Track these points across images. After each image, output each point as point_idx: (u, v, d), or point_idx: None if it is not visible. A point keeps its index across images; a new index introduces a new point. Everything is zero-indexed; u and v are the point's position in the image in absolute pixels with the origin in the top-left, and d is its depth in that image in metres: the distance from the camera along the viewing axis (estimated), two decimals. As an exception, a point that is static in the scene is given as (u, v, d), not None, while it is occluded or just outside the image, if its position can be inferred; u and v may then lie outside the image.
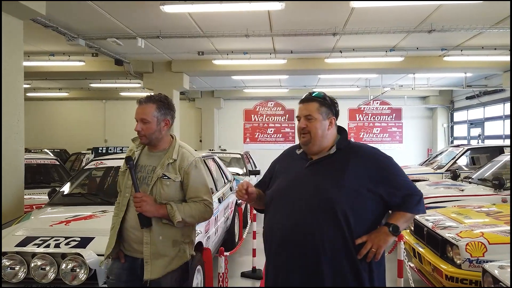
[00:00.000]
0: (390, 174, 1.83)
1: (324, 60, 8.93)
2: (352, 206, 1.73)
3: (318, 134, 1.86)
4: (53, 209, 3.70)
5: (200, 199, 2.25)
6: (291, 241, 1.76)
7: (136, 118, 2.23)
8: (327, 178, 1.80)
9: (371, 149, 1.93)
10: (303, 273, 1.73)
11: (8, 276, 2.62)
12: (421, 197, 1.87)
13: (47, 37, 7.09)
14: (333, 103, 1.92)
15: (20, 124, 4.33)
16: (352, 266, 1.71)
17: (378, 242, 1.73)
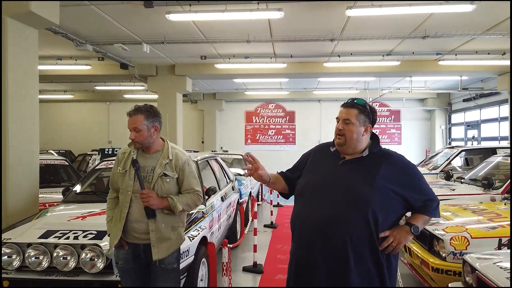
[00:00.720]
0: (415, 180, 2.04)
1: (323, 64, 9.21)
2: (381, 205, 1.94)
3: (353, 138, 2.02)
4: (68, 206, 3.99)
5: (193, 191, 2.64)
6: (323, 229, 1.96)
7: (129, 128, 2.53)
8: (360, 177, 1.99)
9: (399, 156, 2.11)
10: (332, 257, 1.94)
11: (33, 265, 2.91)
12: (439, 202, 2.10)
13: (56, 42, 7.38)
14: (372, 112, 2.09)
15: (35, 126, 4.62)
16: (374, 255, 1.94)
17: (399, 238, 1.96)
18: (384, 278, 1.97)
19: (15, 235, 3.14)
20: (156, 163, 2.57)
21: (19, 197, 4.29)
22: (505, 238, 3.41)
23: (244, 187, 7.04)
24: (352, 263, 1.92)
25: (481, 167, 6.42)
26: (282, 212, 8.82)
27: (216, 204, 4.59)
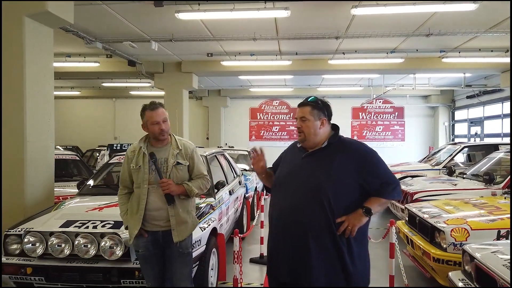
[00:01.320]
0: (371, 165, 2.16)
1: (328, 61, 9.33)
2: (335, 191, 2.09)
3: (310, 133, 2.21)
4: (83, 198, 4.16)
5: (203, 175, 2.91)
6: (286, 218, 2.16)
7: (159, 120, 2.73)
8: (318, 167, 2.16)
9: (358, 143, 2.27)
10: (294, 245, 2.12)
11: (55, 252, 3.08)
12: (397, 185, 2.20)
13: (66, 40, 7.54)
14: (325, 106, 2.25)
15: (51, 122, 4.79)
16: (334, 241, 2.07)
17: (353, 221, 2.07)
18: (346, 263, 2.07)
19: (37, 224, 3.32)
20: (168, 154, 2.78)
21: (36, 189, 4.47)
22: (503, 229, 3.55)
23: (250, 182, 7.20)
24: (312, 249, 2.07)
25: (483, 163, 6.55)
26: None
27: (225, 198, 4.75)
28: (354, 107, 16.13)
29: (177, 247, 2.73)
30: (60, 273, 3.09)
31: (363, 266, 2.17)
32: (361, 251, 2.16)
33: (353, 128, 16.28)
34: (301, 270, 2.11)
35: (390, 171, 2.23)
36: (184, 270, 2.80)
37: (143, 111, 2.80)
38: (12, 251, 3.20)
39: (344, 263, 2.09)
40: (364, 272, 2.19)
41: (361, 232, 2.14)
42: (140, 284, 3.03)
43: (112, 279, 3.05)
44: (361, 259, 2.16)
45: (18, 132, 4.32)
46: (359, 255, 2.14)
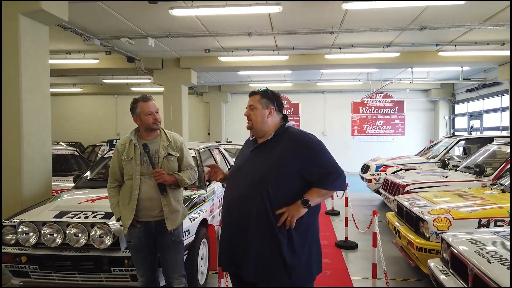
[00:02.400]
0: (312, 155, 2.16)
1: (324, 56, 9.39)
2: (277, 182, 2.13)
3: (258, 121, 2.26)
4: (79, 191, 4.30)
5: (192, 166, 3.05)
6: (232, 209, 2.26)
7: (152, 110, 2.86)
8: (263, 159, 2.22)
9: (303, 134, 2.26)
10: (236, 235, 2.21)
11: (48, 241, 3.21)
12: (339, 175, 2.19)
13: (64, 37, 7.66)
14: (274, 96, 2.30)
15: (47, 117, 4.93)
16: (271, 230, 2.11)
17: (292, 212, 2.11)
18: (283, 255, 2.10)
19: (31, 215, 3.45)
20: (159, 146, 2.90)
21: (33, 183, 4.61)
22: (484, 219, 3.64)
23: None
24: (251, 239, 2.14)
25: (477, 155, 6.60)
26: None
27: (217, 190, 4.87)
28: (354, 101, 16.16)
29: (170, 235, 2.85)
30: (53, 261, 3.22)
31: (306, 258, 2.17)
32: (304, 243, 2.17)
33: (353, 122, 16.32)
34: (240, 258, 2.18)
35: (334, 162, 2.22)
36: (177, 257, 2.93)
37: (135, 104, 2.90)
38: (8, 241, 3.33)
39: (281, 254, 2.10)
40: (309, 264, 2.18)
41: (303, 223, 2.15)
42: (129, 272, 3.15)
43: (103, 267, 3.18)
44: (304, 250, 2.16)
45: (15, 127, 4.46)
46: (302, 246, 2.15)
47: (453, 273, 2.82)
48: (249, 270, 2.16)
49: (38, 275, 3.29)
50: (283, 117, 2.33)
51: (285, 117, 2.33)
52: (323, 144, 2.25)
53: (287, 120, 2.33)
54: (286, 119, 2.33)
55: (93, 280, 3.25)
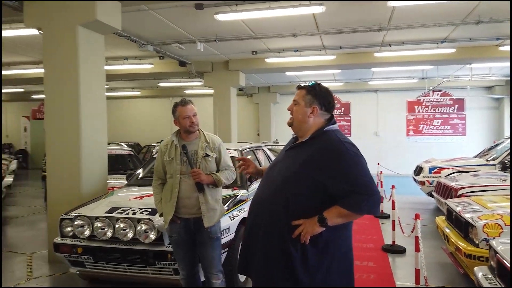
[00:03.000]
0: (341, 168, 1.88)
1: (374, 54, 9.13)
2: (296, 191, 1.92)
3: (298, 118, 2.07)
4: (130, 188, 4.61)
5: (229, 167, 3.18)
6: (253, 208, 2.12)
7: (189, 114, 3.03)
8: (290, 162, 2.02)
9: (335, 142, 1.96)
10: (253, 235, 2.05)
11: (100, 234, 3.50)
12: (370, 196, 1.87)
13: (122, 44, 8.19)
14: (322, 94, 2.05)
15: (103, 120, 5.28)
16: (282, 241, 1.91)
17: (307, 227, 1.87)
18: (295, 272, 1.87)
19: (87, 210, 3.77)
20: (198, 147, 3.06)
21: (91, 180, 5.00)
22: (541, 226, 3.37)
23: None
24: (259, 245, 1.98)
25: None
26: (332, 202, 8.95)
27: (259, 190, 4.94)
28: (409, 100, 15.48)
29: (207, 232, 2.99)
30: (105, 253, 3.50)
31: (324, 276, 1.90)
32: (322, 261, 1.91)
33: (408, 122, 15.64)
34: (250, 264, 2.05)
35: (367, 180, 1.90)
36: (214, 253, 3.06)
37: (175, 108, 3.10)
38: (66, 233, 3.67)
39: (294, 270, 1.89)
40: (328, 283, 1.91)
41: (322, 240, 1.91)
42: (172, 265, 3.33)
43: (148, 260, 3.39)
44: (321, 269, 1.90)
45: (74, 129, 4.86)
46: (318, 264, 1.90)
47: (499, 282, 2.66)
48: (259, 279, 2.00)
49: (92, 265, 3.58)
50: (329, 118, 2.09)
51: (331, 119, 2.09)
52: (360, 157, 1.95)
53: (332, 122, 2.07)
54: (331, 121, 2.07)
55: (140, 272, 3.48)
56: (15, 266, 4.83)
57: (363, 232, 6.24)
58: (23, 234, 6.42)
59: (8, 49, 8.67)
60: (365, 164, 1.96)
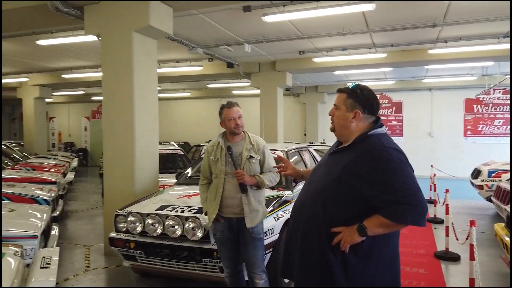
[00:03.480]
0: (382, 176, 1.79)
1: (428, 51, 8.72)
2: (336, 198, 1.87)
3: (339, 124, 1.98)
4: (180, 187, 4.78)
5: (273, 169, 3.19)
6: (296, 212, 2.07)
7: (234, 116, 3.11)
8: (332, 167, 1.95)
9: (377, 147, 1.86)
10: (293, 239, 2.02)
11: (150, 231, 3.66)
12: (414, 207, 1.76)
13: (173, 47, 8.50)
14: (364, 96, 1.94)
15: (155, 121, 5.55)
16: (320, 246, 1.87)
17: (346, 236, 1.81)
18: (335, 278, 1.82)
19: (139, 207, 3.97)
20: (242, 149, 3.13)
21: (143, 178, 5.24)
22: None
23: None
24: (298, 249, 1.95)
25: None
26: (382, 205, 8.68)
27: (305, 191, 4.92)
28: (467, 99, 14.59)
29: (249, 232, 3.05)
30: (155, 249, 3.66)
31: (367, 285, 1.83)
32: (364, 269, 1.84)
33: (466, 122, 14.74)
34: (291, 268, 2.02)
35: (411, 189, 1.77)
36: (257, 253, 3.11)
37: (221, 110, 3.20)
38: (120, 229, 3.88)
39: (333, 278, 1.83)
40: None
41: (364, 248, 1.83)
42: (218, 263, 3.41)
43: (196, 257, 3.50)
44: (364, 277, 1.83)
45: (129, 129, 5.12)
46: (360, 272, 1.83)
47: None
48: (299, 282, 1.98)
49: (144, 260, 3.76)
50: (374, 120, 1.98)
51: (376, 121, 1.98)
52: (405, 164, 1.83)
53: (378, 125, 1.95)
54: (376, 124, 1.96)
55: (187, 269, 3.60)
56: (75, 257, 5.19)
57: (414, 236, 6.00)
58: (82, 227, 6.88)
59: (71, 54, 9.33)
60: (410, 171, 1.84)
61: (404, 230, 2.01)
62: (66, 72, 11.55)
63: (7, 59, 9.93)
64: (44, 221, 3.95)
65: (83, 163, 18.68)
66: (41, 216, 4.07)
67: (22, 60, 10.13)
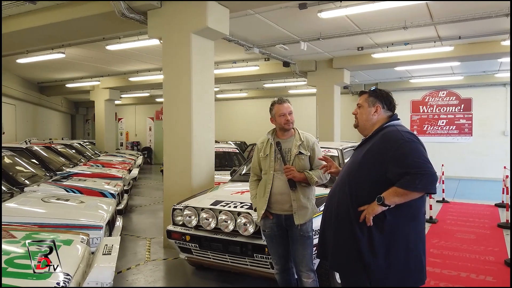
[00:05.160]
0: (396, 155, 2.10)
1: (501, 43, 8.03)
2: (359, 179, 2.20)
3: (362, 118, 2.36)
4: (234, 183, 4.88)
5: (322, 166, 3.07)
6: (328, 201, 2.43)
7: (285, 112, 3.10)
8: (355, 158, 2.33)
9: (392, 133, 2.20)
10: (327, 224, 2.35)
11: (204, 224, 3.78)
12: (423, 175, 2.04)
13: (230, 48, 8.68)
14: (382, 95, 2.35)
15: (211, 120, 5.71)
16: (350, 226, 2.17)
17: (368, 210, 2.12)
18: (362, 252, 2.10)
19: (194, 202, 4.11)
20: (292, 145, 3.11)
21: (200, 175, 5.42)
22: None
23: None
24: (332, 231, 2.26)
25: None
26: (447, 209, 8.18)
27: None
28: (551, 94, 13.18)
29: (298, 230, 3.03)
30: (209, 242, 3.77)
31: (389, 261, 2.10)
32: (386, 245, 2.11)
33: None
34: (325, 246, 2.34)
35: (421, 161, 2.07)
36: (305, 252, 3.07)
37: (272, 106, 3.22)
38: (177, 222, 4.05)
39: (360, 252, 2.12)
40: (393, 269, 2.10)
41: (387, 224, 2.10)
42: (269, 259, 3.43)
43: (247, 252, 3.55)
44: (386, 253, 2.10)
45: (187, 128, 5.33)
46: (383, 248, 2.10)
47: None
48: (332, 263, 2.30)
49: (198, 253, 3.89)
50: (391, 115, 2.36)
51: (393, 116, 2.35)
52: (414, 143, 2.14)
53: (394, 118, 2.33)
54: (393, 118, 2.33)
55: (239, 263, 3.66)
56: (137, 248, 5.51)
57: (482, 242, 5.55)
58: (145, 220, 7.28)
59: (137, 58, 9.92)
60: (420, 148, 2.13)
61: (471, 235, 2.07)
62: (132, 76, 12.31)
63: (81, 64, 10.83)
64: (109, 212, 4.24)
65: (148, 160, 19.76)
66: (107, 208, 4.37)
67: (94, 64, 10.98)
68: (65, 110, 19.60)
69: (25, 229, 2.92)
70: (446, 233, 6.11)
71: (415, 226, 2.18)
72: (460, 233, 6.09)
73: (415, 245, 2.16)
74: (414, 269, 2.15)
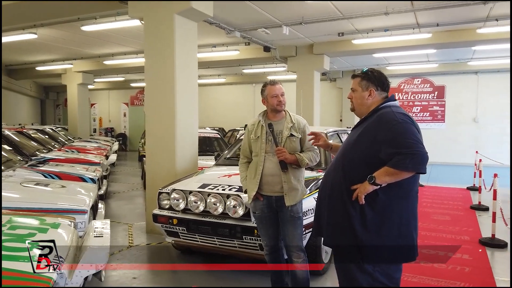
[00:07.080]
0: (388, 136, 2.12)
1: (476, 31, 8.23)
2: (352, 158, 2.24)
3: (357, 102, 2.37)
4: (219, 167, 4.84)
5: (313, 148, 3.17)
6: (323, 180, 2.47)
7: (277, 93, 3.10)
8: (350, 138, 2.37)
9: (385, 114, 2.21)
10: (322, 202, 2.39)
11: (193, 208, 3.75)
12: (413, 155, 2.07)
13: (211, 31, 8.51)
14: (375, 76, 2.32)
15: (195, 104, 5.65)
16: (343, 203, 2.22)
17: (360, 188, 2.16)
18: (354, 228, 2.15)
19: (181, 185, 4.06)
20: (283, 127, 3.11)
21: (184, 159, 5.36)
22: None
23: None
24: (329, 208, 2.29)
25: None
26: (423, 192, 8.45)
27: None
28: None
29: (288, 211, 3.04)
30: (197, 225, 3.75)
31: (381, 239, 2.14)
32: (378, 222, 2.16)
33: (515, 107, 13.91)
34: (320, 224, 2.39)
35: (412, 142, 2.09)
36: (295, 232, 3.10)
37: (264, 87, 3.20)
38: (163, 206, 4.00)
39: (353, 229, 2.16)
40: (383, 246, 2.14)
41: (379, 202, 2.15)
42: (258, 241, 3.45)
43: (236, 234, 3.56)
44: (378, 230, 2.15)
45: (170, 112, 5.23)
46: (375, 225, 2.15)
47: None
48: (326, 238, 2.37)
49: (186, 236, 3.87)
50: (386, 96, 2.35)
51: (388, 97, 2.34)
52: (407, 123, 2.15)
53: (390, 99, 2.32)
54: (388, 99, 2.33)
55: (228, 245, 3.67)
56: (118, 234, 5.41)
57: (457, 223, 5.79)
58: (124, 207, 7.16)
59: (113, 40, 9.59)
60: (413, 128, 2.14)
61: (446, 216, 2.13)
62: (107, 59, 11.91)
63: (53, 46, 10.37)
64: (92, 197, 4.13)
65: (122, 147, 19.34)
66: (88, 193, 4.25)
67: (67, 46, 10.54)
68: (34, 95, 18.84)
69: (8, 213, 2.80)
70: (423, 215, 6.32)
71: (406, 204, 2.22)
72: (435, 215, 6.33)
73: (407, 222, 2.21)
74: (405, 245, 2.19)
